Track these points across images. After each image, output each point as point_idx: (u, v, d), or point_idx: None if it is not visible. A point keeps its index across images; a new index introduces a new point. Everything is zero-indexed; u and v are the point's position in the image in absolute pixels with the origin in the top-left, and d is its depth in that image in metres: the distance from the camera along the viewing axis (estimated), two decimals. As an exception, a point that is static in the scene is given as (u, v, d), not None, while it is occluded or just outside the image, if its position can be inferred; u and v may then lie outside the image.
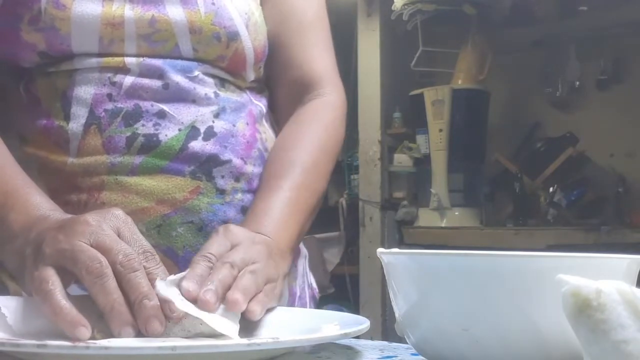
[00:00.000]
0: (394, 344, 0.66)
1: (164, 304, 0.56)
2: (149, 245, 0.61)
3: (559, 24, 2.74)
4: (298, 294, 0.91)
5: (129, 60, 0.79)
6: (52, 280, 0.55)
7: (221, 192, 0.80)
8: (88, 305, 0.56)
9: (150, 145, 0.77)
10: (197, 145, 0.79)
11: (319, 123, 0.87)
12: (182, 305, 0.55)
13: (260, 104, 0.89)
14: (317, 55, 0.91)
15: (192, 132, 0.79)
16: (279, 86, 0.92)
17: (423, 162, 2.79)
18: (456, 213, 2.69)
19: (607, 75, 2.72)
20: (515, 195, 2.70)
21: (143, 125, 0.78)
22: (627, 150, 2.68)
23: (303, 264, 0.94)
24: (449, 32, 2.88)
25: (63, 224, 0.61)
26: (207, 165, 0.79)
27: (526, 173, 2.72)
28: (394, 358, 0.58)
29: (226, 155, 0.81)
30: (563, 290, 0.38)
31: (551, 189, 2.66)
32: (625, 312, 0.37)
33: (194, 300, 0.57)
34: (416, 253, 0.51)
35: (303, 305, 0.91)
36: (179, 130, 0.79)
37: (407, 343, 0.55)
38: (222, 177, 0.80)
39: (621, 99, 2.68)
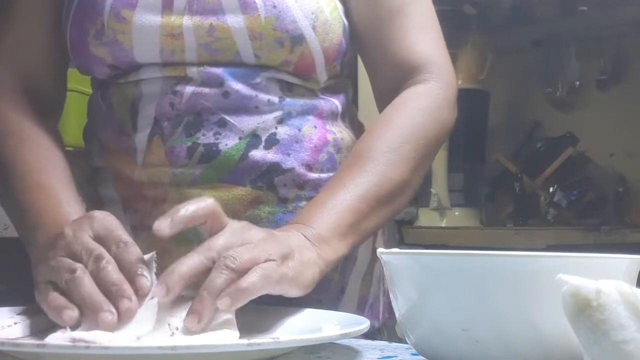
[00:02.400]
0: (394, 344, 0.66)
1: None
2: (125, 236, 0.61)
3: (559, 24, 2.74)
4: (370, 302, 0.87)
5: (190, 70, 0.77)
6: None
7: (283, 200, 0.78)
8: None
9: (210, 155, 0.76)
10: (257, 154, 0.77)
11: (404, 111, 0.80)
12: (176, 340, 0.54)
13: (335, 101, 0.85)
14: (413, 41, 0.84)
15: (253, 140, 0.78)
16: (376, 76, 0.87)
17: (423, 162, 2.78)
18: (456, 213, 2.68)
19: (607, 75, 2.71)
20: (515, 195, 2.70)
21: (204, 134, 0.77)
22: (627, 150, 2.67)
23: (381, 267, 0.91)
24: (449, 32, 2.87)
25: (52, 242, 0.63)
26: (268, 175, 0.78)
27: (526, 173, 2.72)
28: (394, 358, 0.58)
29: (289, 163, 0.79)
30: (563, 290, 0.38)
31: (551, 189, 2.66)
32: (625, 312, 0.37)
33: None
34: (416, 253, 0.51)
35: (374, 316, 0.87)
36: (239, 139, 0.77)
37: (407, 343, 0.55)
38: (285, 185, 0.78)
39: (621, 99, 2.68)
